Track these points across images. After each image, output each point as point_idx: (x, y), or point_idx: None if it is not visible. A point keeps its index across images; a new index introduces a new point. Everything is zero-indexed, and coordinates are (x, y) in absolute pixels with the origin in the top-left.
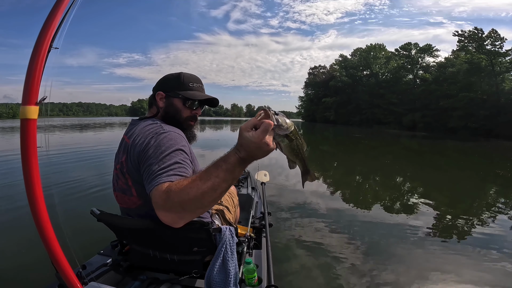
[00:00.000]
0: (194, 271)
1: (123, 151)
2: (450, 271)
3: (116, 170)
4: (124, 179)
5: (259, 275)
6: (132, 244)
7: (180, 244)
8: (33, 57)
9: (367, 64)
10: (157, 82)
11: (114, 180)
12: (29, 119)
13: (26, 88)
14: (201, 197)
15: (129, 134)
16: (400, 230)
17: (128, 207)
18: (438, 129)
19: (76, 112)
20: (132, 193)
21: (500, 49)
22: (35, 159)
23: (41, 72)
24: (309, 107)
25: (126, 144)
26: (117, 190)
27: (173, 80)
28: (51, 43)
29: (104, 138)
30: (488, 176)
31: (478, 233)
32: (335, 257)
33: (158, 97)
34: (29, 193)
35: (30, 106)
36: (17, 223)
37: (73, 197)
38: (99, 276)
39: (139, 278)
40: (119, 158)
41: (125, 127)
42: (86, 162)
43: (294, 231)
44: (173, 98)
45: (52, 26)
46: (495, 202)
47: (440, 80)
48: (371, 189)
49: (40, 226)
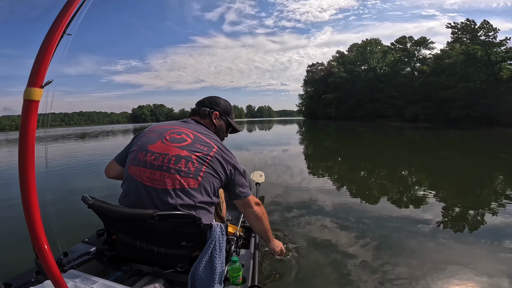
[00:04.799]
0: (179, 266)
1: (207, 147)
2: (464, 263)
3: (176, 153)
4: (200, 166)
5: (244, 275)
6: (120, 233)
7: (169, 237)
8: (46, 41)
9: (365, 59)
10: (211, 101)
11: (158, 159)
12: (33, 100)
13: (34, 70)
14: (263, 224)
15: (211, 137)
16: (410, 223)
17: (164, 186)
18: (440, 119)
19: (78, 122)
20: (197, 178)
21: (494, 39)
22: (33, 140)
23: (50, 57)
24: (309, 105)
25: (210, 144)
26: (161, 170)
27: (226, 106)
28: (65, 29)
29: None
30: (494, 163)
31: (489, 222)
32: (331, 259)
33: (214, 115)
34: (21, 173)
35: (35, 88)
36: (9, 211)
37: (63, 186)
38: (80, 264)
39: (122, 269)
40: (189, 147)
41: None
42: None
43: (287, 232)
44: (223, 121)
45: (69, 12)
46: (504, 190)
47: (438, 72)
48: (376, 183)
49: (27, 208)
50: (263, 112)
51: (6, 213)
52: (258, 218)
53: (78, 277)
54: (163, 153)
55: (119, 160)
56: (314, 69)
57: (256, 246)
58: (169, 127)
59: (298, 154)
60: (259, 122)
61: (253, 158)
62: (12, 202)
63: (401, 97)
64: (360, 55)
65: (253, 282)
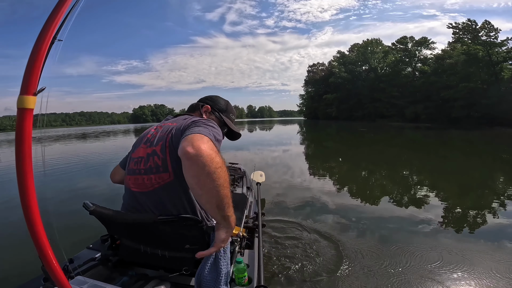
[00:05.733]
0: (184, 269)
1: (166, 132)
2: (465, 264)
3: (145, 153)
4: (162, 157)
5: (250, 275)
6: (123, 238)
7: (172, 240)
8: (36, 47)
9: (365, 59)
10: (207, 97)
11: (137, 164)
12: (26, 108)
13: (26, 78)
14: (219, 183)
15: (173, 120)
16: (410, 223)
17: (148, 189)
18: (441, 119)
19: (79, 122)
20: (167, 169)
21: (495, 39)
22: (29, 149)
23: (41, 63)
24: (310, 105)
25: (170, 127)
26: (140, 174)
27: (221, 102)
28: (56, 34)
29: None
30: (495, 163)
31: (490, 223)
32: (331, 258)
33: (204, 109)
34: (20, 182)
35: (28, 96)
36: (7, 218)
37: (65, 191)
38: (87, 270)
39: (128, 273)
40: (155, 141)
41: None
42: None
43: (290, 231)
44: (214, 116)
45: (58, 17)
46: (505, 190)
47: (439, 72)
48: (378, 183)
49: (29, 218)
50: (263, 112)
51: (8, 213)
52: (204, 172)
53: (85, 283)
54: (139, 157)
55: (123, 165)
56: (315, 69)
57: (260, 246)
58: (148, 130)
59: (299, 154)
60: (260, 122)
61: (254, 158)
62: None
63: (402, 97)
64: (361, 55)
65: (259, 282)
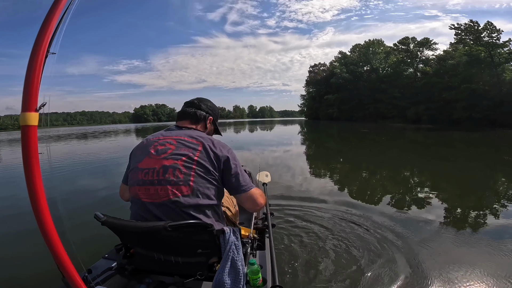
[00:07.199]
0: (198, 273)
1: (191, 148)
2: (466, 264)
3: (161, 164)
4: (186, 172)
5: (264, 276)
6: (136, 247)
7: (184, 246)
8: (31, 63)
9: (367, 59)
10: (208, 106)
11: (147, 175)
12: (30, 125)
13: (25, 95)
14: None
15: (193, 137)
16: (412, 224)
17: (161, 199)
18: (443, 121)
19: (80, 121)
20: (188, 184)
21: (498, 40)
22: (37, 165)
23: (39, 78)
24: (311, 105)
25: (195, 144)
26: (152, 184)
27: (216, 110)
28: (48, 48)
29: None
30: (496, 165)
31: (491, 224)
32: (341, 256)
33: (209, 121)
34: (32, 199)
35: (30, 113)
36: (23, 231)
37: (76, 202)
38: (105, 280)
39: (145, 281)
40: (173, 155)
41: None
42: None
43: (299, 230)
44: (213, 126)
45: (49, 31)
46: (506, 191)
47: (441, 73)
48: (379, 184)
49: (45, 232)
50: (264, 112)
51: (21, 233)
52: (260, 208)
53: None
54: (151, 168)
55: (126, 181)
56: (316, 69)
57: (271, 246)
58: (153, 140)
59: (300, 155)
60: (261, 123)
61: (255, 159)
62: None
63: (404, 98)
64: (362, 56)
65: (274, 283)
